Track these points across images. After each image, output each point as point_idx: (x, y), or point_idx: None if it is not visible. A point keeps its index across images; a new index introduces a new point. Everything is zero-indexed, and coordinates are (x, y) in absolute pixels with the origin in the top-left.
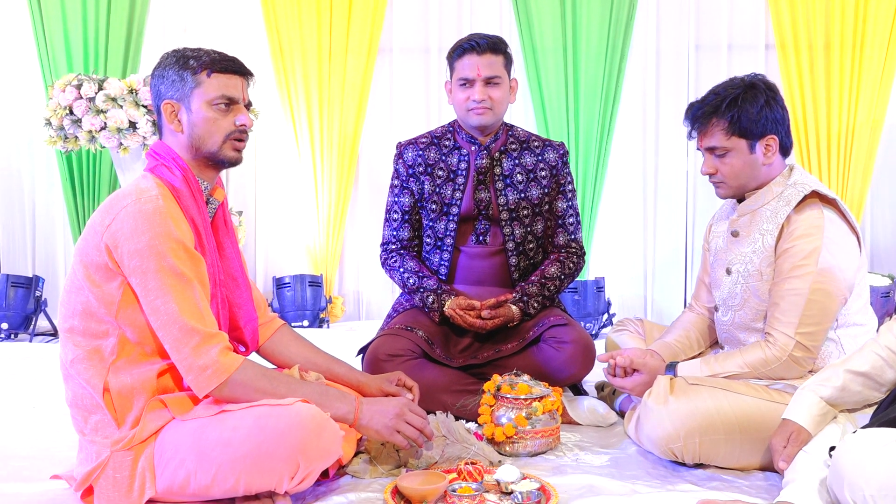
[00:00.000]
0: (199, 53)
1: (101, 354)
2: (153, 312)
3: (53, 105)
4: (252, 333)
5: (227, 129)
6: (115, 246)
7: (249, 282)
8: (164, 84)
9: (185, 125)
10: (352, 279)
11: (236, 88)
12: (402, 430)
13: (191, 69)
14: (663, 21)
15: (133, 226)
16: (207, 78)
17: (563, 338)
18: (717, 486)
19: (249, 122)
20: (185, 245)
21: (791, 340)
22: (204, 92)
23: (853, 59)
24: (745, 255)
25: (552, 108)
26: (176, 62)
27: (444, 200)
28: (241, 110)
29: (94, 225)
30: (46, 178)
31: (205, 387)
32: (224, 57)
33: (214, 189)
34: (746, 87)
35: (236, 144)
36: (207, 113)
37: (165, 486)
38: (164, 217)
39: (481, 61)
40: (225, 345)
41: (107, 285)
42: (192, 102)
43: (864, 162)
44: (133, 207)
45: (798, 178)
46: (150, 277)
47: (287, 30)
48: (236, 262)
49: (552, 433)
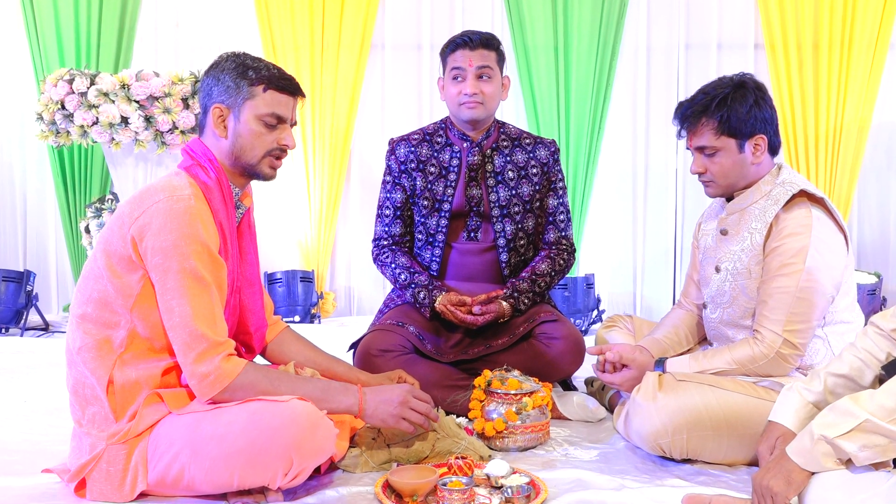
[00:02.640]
0: (259, 65)
1: (111, 345)
2: (167, 311)
3: (45, 100)
4: (260, 338)
5: (270, 145)
6: (141, 239)
7: (262, 287)
8: (219, 87)
9: (231, 132)
10: (343, 275)
11: (287, 107)
12: (408, 417)
13: (248, 80)
14: (653, 20)
15: (161, 223)
16: (263, 93)
17: (553, 334)
18: (704, 480)
19: (293, 144)
20: (210, 249)
21: (778, 338)
22: (256, 105)
23: (841, 59)
24: (734, 254)
25: (543, 106)
26: (235, 69)
27: (436, 197)
28: (287, 130)
29: (122, 216)
30: (38, 173)
31: (207, 392)
32: (283, 75)
33: (244, 195)
34: (735, 86)
35: (274, 162)
36: (255, 126)
37: (158, 478)
38: (194, 218)
39: (473, 55)
40: (229, 352)
41: (127, 276)
42: (242, 112)
43: (852, 161)
44: (164, 204)
45: (786, 177)
46: (170, 277)
47: (279, 25)
48: (255, 268)
49: (542, 428)
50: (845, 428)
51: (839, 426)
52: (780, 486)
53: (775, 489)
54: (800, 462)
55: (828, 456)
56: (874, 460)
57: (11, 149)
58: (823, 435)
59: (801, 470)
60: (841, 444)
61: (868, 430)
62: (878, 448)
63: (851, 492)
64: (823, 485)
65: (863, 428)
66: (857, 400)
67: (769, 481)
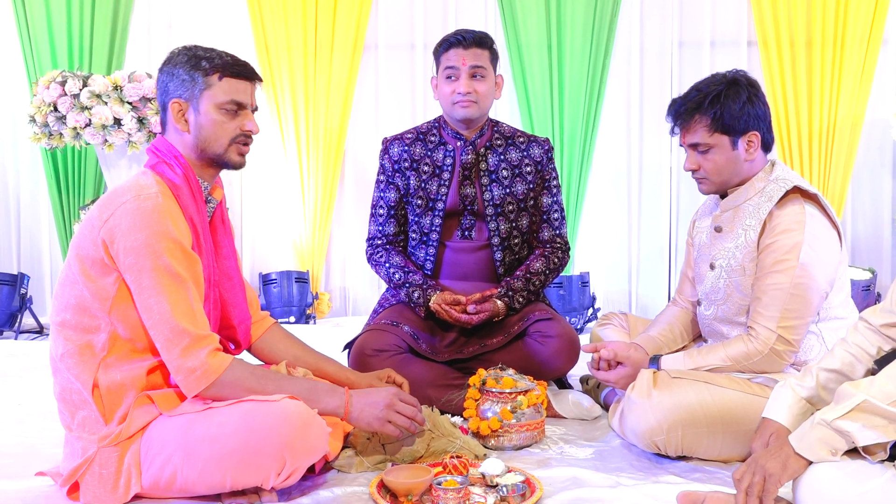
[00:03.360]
0: (211, 55)
1: (92, 350)
2: (146, 311)
3: (38, 102)
4: (245, 332)
5: (234, 133)
6: (112, 241)
7: (244, 281)
8: (174, 82)
9: (192, 125)
10: (338, 275)
11: (246, 93)
12: (394, 420)
13: (202, 70)
14: (646, 18)
15: (131, 222)
16: (218, 81)
17: (547, 332)
18: (699, 477)
19: (256, 129)
20: (182, 245)
21: (773, 334)
22: (213, 95)
23: (834, 55)
24: (728, 251)
25: (537, 105)
26: (187, 61)
27: (430, 196)
28: (249, 116)
29: (91, 219)
30: (31, 175)
31: (193, 388)
32: (236, 61)
33: (213, 188)
34: (728, 83)
35: (241, 149)
36: (215, 116)
37: (151, 481)
38: (163, 215)
39: (467, 54)
40: (214, 346)
41: (102, 280)
42: (200, 104)
43: (845, 157)
44: (132, 204)
45: (780, 174)
46: (145, 276)
47: (273, 26)
48: (233, 261)
49: (537, 427)
50: (844, 409)
51: (838, 409)
52: (775, 468)
53: (770, 470)
54: (795, 446)
55: (822, 443)
56: (876, 441)
57: (4, 151)
58: (823, 419)
59: (798, 457)
60: (841, 426)
61: (867, 410)
62: (879, 428)
63: (847, 487)
64: (818, 477)
65: (862, 408)
66: (857, 385)
67: (766, 462)
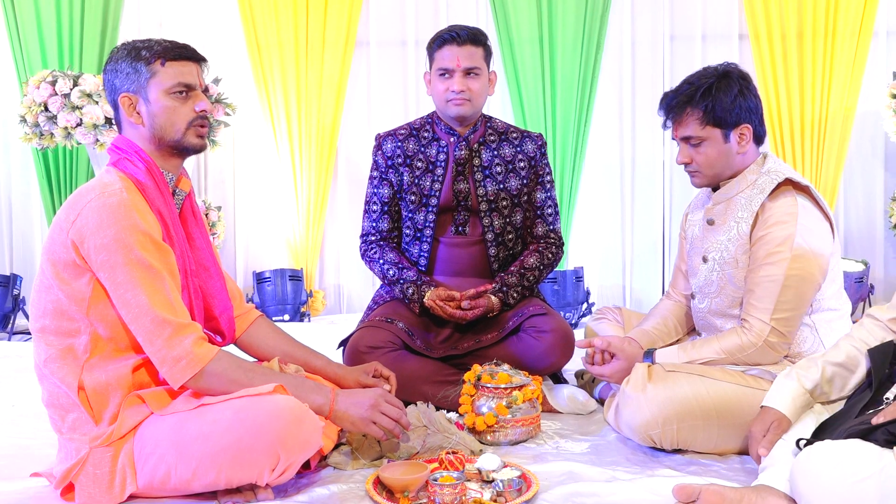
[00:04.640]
0: (149, 44)
1: (75, 353)
2: (124, 306)
3: (28, 102)
4: (228, 323)
5: (188, 116)
6: (82, 241)
7: (223, 272)
8: (119, 78)
9: (146, 116)
10: (332, 273)
11: (192, 75)
12: (378, 421)
13: (144, 60)
14: (638, 12)
15: (98, 220)
16: (162, 67)
17: (542, 327)
18: (695, 470)
19: (209, 108)
20: (152, 237)
21: (766, 326)
22: (160, 81)
23: (825, 48)
24: (721, 243)
25: (529, 100)
26: (128, 54)
27: (423, 192)
28: (200, 96)
29: (59, 222)
30: (22, 176)
31: (179, 378)
32: (176, 45)
33: (179, 179)
34: (720, 76)
35: (199, 131)
36: (166, 102)
37: (146, 481)
38: (129, 209)
39: (461, 52)
40: (199, 335)
41: (76, 282)
42: (149, 93)
43: (837, 149)
44: (97, 202)
45: (772, 166)
46: (119, 271)
47: (263, 23)
48: (207, 252)
49: (532, 422)
50: None
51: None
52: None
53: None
54: None
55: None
56: None
57: None
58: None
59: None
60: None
61: None
62: None
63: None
64: (810, 458)
65: None
66: None
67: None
